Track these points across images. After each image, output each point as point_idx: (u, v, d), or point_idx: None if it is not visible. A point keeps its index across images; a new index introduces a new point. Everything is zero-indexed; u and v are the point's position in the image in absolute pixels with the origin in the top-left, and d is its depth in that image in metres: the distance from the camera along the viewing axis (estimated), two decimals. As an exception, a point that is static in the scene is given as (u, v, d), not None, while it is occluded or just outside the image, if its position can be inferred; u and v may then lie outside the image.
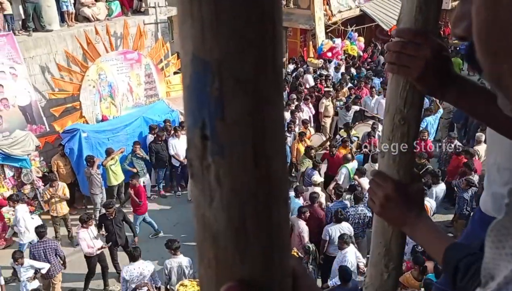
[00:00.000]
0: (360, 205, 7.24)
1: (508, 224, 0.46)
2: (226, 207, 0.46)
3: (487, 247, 0.49)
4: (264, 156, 0.45)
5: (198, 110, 0.44)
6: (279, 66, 0.45)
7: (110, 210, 7.81)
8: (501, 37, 0.42)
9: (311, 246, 6.82)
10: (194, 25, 0.42)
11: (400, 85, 1.08)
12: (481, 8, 0.43)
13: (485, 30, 0.44)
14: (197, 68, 0.43)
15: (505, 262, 0.45)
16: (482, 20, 0.44)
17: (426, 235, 1.12)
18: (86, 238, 7.43)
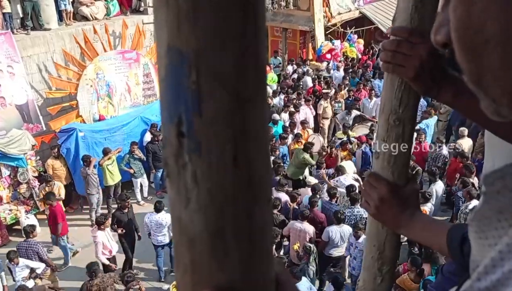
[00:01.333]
0: (356, 206, 7.23)
1: (489, 213, 0.44)
2: (203, 209, 0.43)
3: (472, 240, 0.48)
4: (244, 155, 0.43)
5: (174, 105, 0.42)
6: (262, 62, 0.43)
7: (125, 203, 7.78)
8: (478, 31, 0.41)
9: (312, 246, 6.80)
10: (170, 13, 0.39)
11: (395, 85, 1.06)
12: (457, 2, 0.42)
13: (462, 25, 0.42)
14: (172, 60, 0.40)
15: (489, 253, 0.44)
16: (459, 15, 0.42)
17: (424, 231, 1.10)
18: (103, 240, 7.33)
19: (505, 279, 0.42)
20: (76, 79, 10.05)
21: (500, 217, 0.43)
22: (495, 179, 0.42)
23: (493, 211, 0.44)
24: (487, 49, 0.41)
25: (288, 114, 11.13)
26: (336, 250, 7.16)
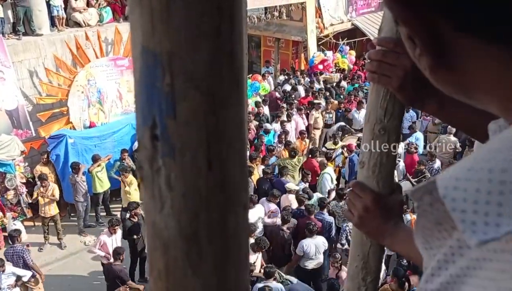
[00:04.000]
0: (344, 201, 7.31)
1: (428, 225, 0.45)
2: (177, 213, 0.42)
3: (420, 250, 0.49)
4: (219, 159, 0.42)
5: (148, 108, 0.41)
6: (239, 65, 0.42)
7: (136, 210, 7.63)
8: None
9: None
10: (144, 14, 0.39)
11: (381, 95, 1.07)
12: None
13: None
14: (146, 61, 0.40)
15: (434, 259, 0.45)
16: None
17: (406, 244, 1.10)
18: (107, 243, 7.19)
19: (453, 282, 0.43)
20: (67, 86, 9.99)
21: (440, 228, 0.44)
22: (422, 194, 0.42)
23: (432, 223, 0.44)
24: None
25: (279, 123, 11.14)
26: (312, 262, 7.09)
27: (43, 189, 8.47)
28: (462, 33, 0.37)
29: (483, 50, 0.36)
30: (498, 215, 0.33)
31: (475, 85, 0.40)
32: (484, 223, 0.34)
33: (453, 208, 0.36)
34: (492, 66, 0.37)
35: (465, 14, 0.35)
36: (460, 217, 0.35)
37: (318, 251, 7.03)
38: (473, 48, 0.37)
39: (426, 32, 0.39)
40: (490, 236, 0.33)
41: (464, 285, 0.41)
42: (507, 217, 0.33)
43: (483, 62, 0.38)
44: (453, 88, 0.43)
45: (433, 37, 0.39)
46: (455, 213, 0.36)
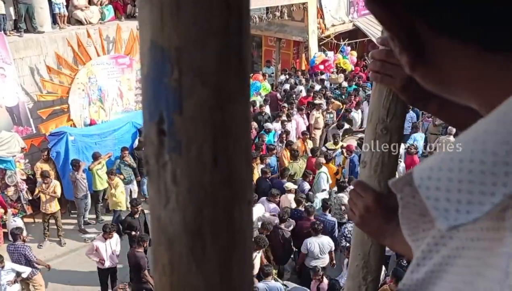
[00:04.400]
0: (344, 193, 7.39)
1: (413, 217, 0.47)
2: (182, 208, 0.42)
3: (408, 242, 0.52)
4: (224, 154, 0.42)
5: (155, 103, 0.41)
6: (245, 61, 0.42)
7: (137, 207, 7.69)
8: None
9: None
10: (153, 10, 0.39)
11: (383, 95, 1.07)
12: None
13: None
14: (155, 57, 0.40)
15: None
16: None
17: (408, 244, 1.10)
18: (101, 248, 7.18)
19: (428, 277, 0.45)
20: (68, 83, 9.99)
21: (424, 219, 0.46)
22: (403, 185, 0.44)
23: (416, 214, 0.46)
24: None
25: (280, 123, 11.15)
26: (316, 262, 7.08)
27: (45, 185, 8.49)
28: (437, 34, 0.38)
29: (458, 49, 0.38)
30: (469, 203, 0.35)
31: (453, 81, 0.42)
32: (455, 210, 0.36)
33: (427, 196, 0.38)
34: (467, 64, 0.39)
35: (439, 15, 0.37)
36: (433, 204, 0.37)
37: (323, 250, 7.03)
38: (449, 48, 0.39)
39: (404, 32, 0.40)
40: (460, 222, 0.35)
41: (446, 274, 0.43)
42: (477, 204, 0.35)
43: (459, 60, 0.39)
44: (433, 84, 0.44)
45: (411, 36, 0.40)
46: (429, 201, 0.38)
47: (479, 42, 0.37)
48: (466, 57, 0.38)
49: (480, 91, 0.40)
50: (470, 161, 0.36)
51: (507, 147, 0.34)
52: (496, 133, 0.35)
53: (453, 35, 0.37)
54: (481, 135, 0.36)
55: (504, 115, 0.35)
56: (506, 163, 0.34)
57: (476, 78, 0.39)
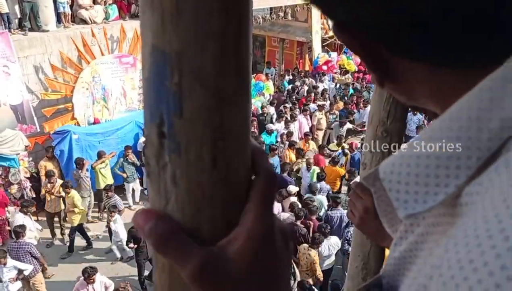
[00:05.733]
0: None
1: (389, 209, 0.50)
2: (181, 209, 0.43)
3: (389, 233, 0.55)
4: (223, 156, 0.43)
5: (156, 105, 0.42)
6: (244, 65, 0.43)
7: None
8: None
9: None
10: (154, 14, 0.40)
11: (384, 98, 1.07)
12: None
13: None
14: (156, 60, 0.41)
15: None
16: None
17: None
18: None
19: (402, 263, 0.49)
20: (72, 82, 10.03)
21: None
22: (373, 180, 0.47)
23: (390, 206, 0.47)
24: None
25: (283, 123, 11.15)
26: (323, 263, 7.12)
27: (50, 185, 8.50)
28: (395, 55, 0.43)
29: (413, 67, 0.43)
30: (425, 193, 0.39)
31: (417, 94, 0.46)
32: (414, 200, 0.40)
33: (389, 188, 0.42)
34: (424, 79, 0.44)
35: (393, 40, 0.42)
36: (395, 196, 0.42)
37: (331, 252, 7.08)
38: (407, 66, 0.44)
39: (370, 56, 0.45)
40: (417, 210, 0.40)
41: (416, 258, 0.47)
42: (433, 194, 0.39)
43: (417, 76, 0.44)
44: (401, 96, 0.49)
45: (376, 59, 0.45)
46: (391, 193, 0.42)
47: (426, 61, 0.42)
48: (421, 73, 0.43)
49: (440, 102, 0.44)
50: (426, 156, 0.40)
51: (459, 142, 0.37)
52: (449, 130, 0.38)
53: (405, 56, 0.42)
54: (436, 132, 0.40)
55: (456, 114, 0.39)
56: (458, 157, 0.37)
57: (434, 91, 0.44)
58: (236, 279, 0.42)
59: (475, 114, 0.37)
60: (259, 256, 0.43)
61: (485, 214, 0.30)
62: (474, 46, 0.39)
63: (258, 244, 0.43)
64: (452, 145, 0.38)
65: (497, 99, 0.36)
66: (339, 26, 0.44)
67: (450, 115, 0.39)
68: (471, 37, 0.38)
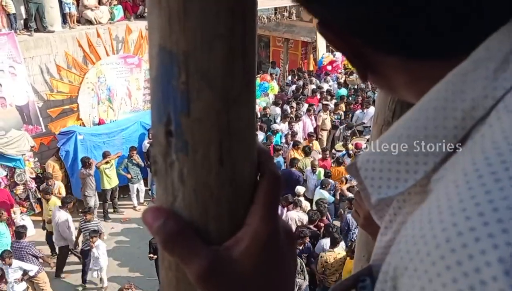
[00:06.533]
0: None
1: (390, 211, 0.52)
2: (188, 207, 0.44)
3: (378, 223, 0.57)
4: (230, 155, 0.43)
5: (163, 105, 0.42)
6: (250, 65, 0.44)
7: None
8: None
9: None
10: (161, 15, 0.40)
11: (389, 97, 1.07)
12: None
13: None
14: (163, 60, 0.41)
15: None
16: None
17: None
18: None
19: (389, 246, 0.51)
20: (77, 82, 10.07)
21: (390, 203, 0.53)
22: (355, 170, 0.49)
23: None
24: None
25: (287, 123, 11.15)
26: None
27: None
28: (372, 49, 0.46)
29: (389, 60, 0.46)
30: (397, 179, 0.43)
31: (397, 85, 0.49)
32: (386, 186, 0.43)
33: (365, 176, 0.45)
34: (401, 71, 0.47)
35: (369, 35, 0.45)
36: (369, 183, 0.45)
37: None
38: (384, 59, 0.46)
39: (351, 50, 0.48)
40: (388, 195, 0.43)
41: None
42: (403, 181, 0.42)
43: (394, 69, 0.47)
44: (382, 88, 0.53)
45: (357, 53, 0.48)
46: (366, 180, 0.45)
47: (398, 54, 0.44)
48: (396, 66, 0.46)
49: (416, 93, 0.46)
50: (398, 145, 0.43)
51: (426, 131, 0.40)
52: (417, 120, 0.41)
53: (380, 50, 0.46)
54: (406, 122, 0.43)
55: (423, 105, 0.41)
56: (425, 145, 0.40)
57: (409, 82, 0.47)
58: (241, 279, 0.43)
59: (441, 105, 0.40)
60: (264, 257, 0.43)
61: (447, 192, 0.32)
62: (438, 39, 0.41)
63: (263, 245, 0.43)
64: (420, 134, 0.41)
65: (458, 92, 0.38)
66: (322, 24, 0.47)
67: (419, 107, 0.42)
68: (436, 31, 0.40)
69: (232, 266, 0.42)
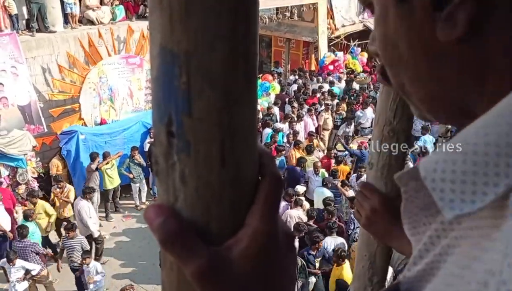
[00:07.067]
0: None
1: (415, 210, 0.47)
2: (190, 207, 0.44)
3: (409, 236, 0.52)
4: (232, 156, 0.43)
5: (164, 105, 0.42)
6: (252, 65, 0.44)
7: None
8: (392, 48, 0.47)
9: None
10: (163, 15, 0.40)
11: (390, 97, 1.07)
12: (376, 22, 0.49)
13: (382, 42, 0.49)
14: (165, 60, 0.41)
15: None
16: (379, 33, 0.49)
17: None
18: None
19: (429, 268, 0.46)
20: (79, 82, 10.08)
21: (426, 213, 0.46)
22: (408, 180, 0.45)
23: (418, 208, 0.46)
24: (401, 64, 0.47)
25: (288, 123, 11.14)
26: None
27: (59, 190, 8.53)
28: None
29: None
30: (473, 193, 0.37)
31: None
32: (460, 200, 0.38)
33: (433, 188, 0.39)
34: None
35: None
36: (439, 195, 0.39)
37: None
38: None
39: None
40: (465, 211, 0.37)
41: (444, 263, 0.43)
42: (481, 194, 0.36)
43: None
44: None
45: None
46: (435, 193, 0.39)
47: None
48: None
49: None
50: (473, 153, 0.37)
51: (508, 138, 0.35)
52: (498, 125, 0.36)
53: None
54: (483, 128, 0.38)
55: (504, 109, 0.37)
56: (508, 154, 0.35)
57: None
58: (240, 279, 0.43)
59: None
60: (263, 257, 0.43)
61: None
62: None
63: (262, 245, 0.43)
64: (501, 142, 0.36)
65: None
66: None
67: (498, 111, 0.37)
68: None
69: (231, 266, 0.42)
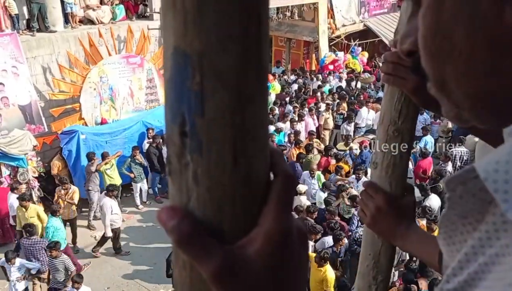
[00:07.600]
0: None
1: (454, 218, 0.45)
2: (202, 207, 0.44)
3: (441, 246, 0.49)
4: (244, 155, 0.44)
5: (177, 105, 0.43)
6: (263, 66, 0.44)
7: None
8: (445, 37, 0.43)
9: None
10: (176, 17, 0.40)
11: (395, 97, 1.08)
12: (427, 10, 0.45)
13: (430, 32, 0.45)
14: (178, 61, 0.42)
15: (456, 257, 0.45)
16: (428, 22, 0.45)
17: (418, 244, 1.11)
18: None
19: (471, 279, 0.43)
20: (79, 82, 10.09)
21: (464, 221, 0.44)
22: (456, 184, 0.43)
23: (457, 216, 0.44)
24: (453, 56, 0.44)
25: (289, 122, 11.14)
26: None
27: (64, 191, 8.51)
28: None
29: None
30: None
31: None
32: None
33: (495, 189, 0.37)
34: None
35: None
36: (502, 197, 0.37)
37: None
38: None
39: None
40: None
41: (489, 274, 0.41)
42: None
43: None
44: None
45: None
46: (497, 194, 0.37)
47: None
48: None
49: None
50: None
51: None
52: None
53: None
54: None
55: None
56: None
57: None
58: (255, 279, 0.43)
59: None
60: (277, 256, 0.43)
61: None
62: None
63: (276, 245, 0.43)
64: None
65: None
66: None
67: None
68: None
69: (246, 265, 0.42)
